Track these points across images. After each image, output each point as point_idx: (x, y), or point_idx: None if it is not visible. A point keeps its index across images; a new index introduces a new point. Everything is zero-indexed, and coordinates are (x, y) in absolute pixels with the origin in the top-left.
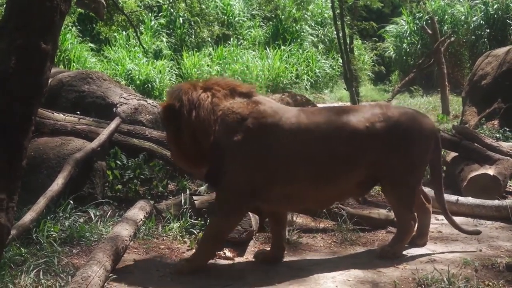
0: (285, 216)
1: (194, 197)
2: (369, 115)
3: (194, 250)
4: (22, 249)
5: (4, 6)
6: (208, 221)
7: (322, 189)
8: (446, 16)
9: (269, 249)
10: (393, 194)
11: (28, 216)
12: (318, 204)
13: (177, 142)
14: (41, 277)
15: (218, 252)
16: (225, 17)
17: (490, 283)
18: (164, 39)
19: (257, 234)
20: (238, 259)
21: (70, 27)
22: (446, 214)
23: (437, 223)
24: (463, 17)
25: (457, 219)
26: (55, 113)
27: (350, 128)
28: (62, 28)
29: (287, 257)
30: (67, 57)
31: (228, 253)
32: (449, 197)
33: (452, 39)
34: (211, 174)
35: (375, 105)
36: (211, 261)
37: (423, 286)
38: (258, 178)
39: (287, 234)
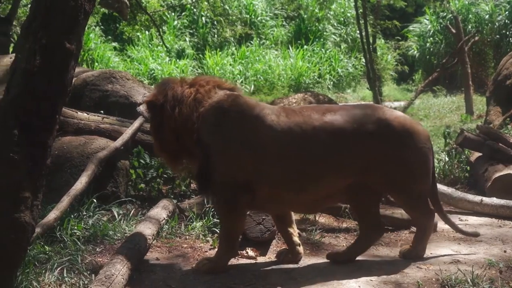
0: (289, 213)
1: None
2: (358, 116)
3: (216, 249)
4: (46, 247)
5: (29, 5)
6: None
7: (302, 192)
8: (470, 15)
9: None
10: (401, 202)
11: (52, 215)
12: (302, 207)
13: (159, 136)
14: (65, 275)
15: (241, 252)
16: (248, 16)
17: None
18: (187, 39)
19: (278, 233)
20: (260, 259)
21: (94, 27)
22: (443, 215)
23: (461, 223)
24: (487, 16)
25: (481, 220)
26: (79, 112)
27: (333, 128)
28: (86, 27)
29: (309, 257)
30: (90, 57)
31: (250, 252)
32: (473, 197)
33: (476, 38)
34: (200, 174)
35: (366, 106)
36: (234, 260)
37: (447, 287)
38: (242, 171)
39: (311, 233)
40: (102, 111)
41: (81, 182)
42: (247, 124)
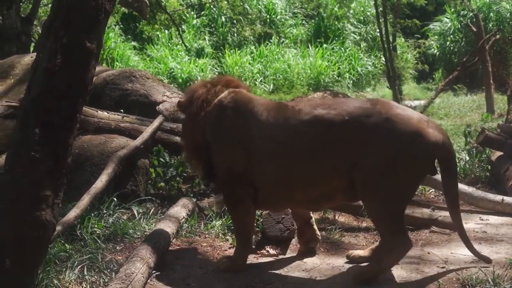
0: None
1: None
2: (353, 108)
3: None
4: (66, 245)
5: (50, 5)
6: None
7: (294, 189)
8: (491, 14)
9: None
10: (371, 210)
11: (73, 213)
12: (301, 205)
13: (184, 136)
14: (85, 273)
15: (261, 251)
16: (267, 15)
17: None
18: (206, 38)
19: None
20: (280, 257)
21: (114, 26)
22: (465, 239)
23: (482, 223)
24: (508, 14)
25: (502, 219)
26: (99, 111)
27: (321, 122)
28: (106, 27)
29: (329, 256)
30: (110, 56)
31: (270, 251)
32: (494, 197)
33: (497, 36)
34: (207, 172)
35: (373, 100)
36: (253, 259)
37: (468, 286)
38: (239, 167)
39: (331, 232)
40: (122, 110)
41: (101, 180)
42: (240, 121)
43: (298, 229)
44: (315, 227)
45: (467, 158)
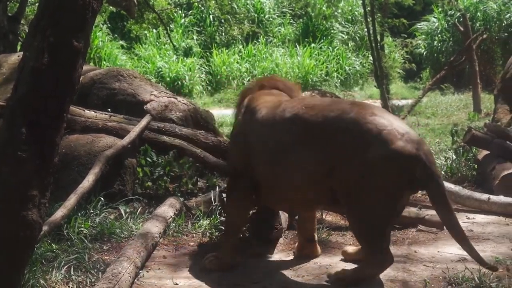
0: (311, 214)
1: (224, 194)
2: (329, 111)
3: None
4: (53, 245)
5: (37, 4)
6: None
7: (282, 188)
8: (478, 13)
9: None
10: (350, 222)
11: (59, 213)
12: (293, 205)
13: None
14: (72, 273)
15: (249, 250)
16: (255, 14)
17: None
18: (194, 37)
19: (286, 231)
20: (267, 257)
21: (101, 25)
22: (466, 245)
23: (468, 222)
24: (495, 14)
25: (489, 218)
26: (86, 111)
27: (300, 122)
28: (94, 26)
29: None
30: (98, 55)
31: (258, 250)
32: (480, 195)
33: (484, 36)
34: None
35: (355, 103)
36: (241, 258)
37: (454, 285)
38: (242, 164)
39: (318, 231)
40: (109, 109)
41: (88, 180)
42: (245, 119)
43: (299, 242)
44: (317, 245)
45: (454, 157)
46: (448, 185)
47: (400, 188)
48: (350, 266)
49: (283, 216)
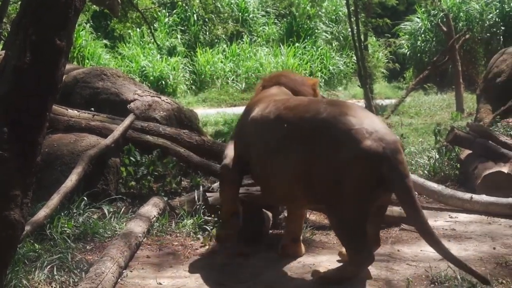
0: (299, 214)
1: (208, 194)
2: (306, 111)
3: (207, 247)
4: (36, 245)
5: (20, 2)
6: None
7: (271, 186)
8: (461, 13)
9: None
10: (330, 221)
11: (42, 212)
12: (282, 202)
13: None
14: (55, 273)
15: (234, 250)
16: (239, 14)
17: (504, 281)
18: (178, 36)
19: (270, 231)
20: (253, 256)
21: (85, 24)
22: (439, 247)
23: (451, 221)
24: (478, 14)
25: (471, 217)
26: (69, 110)
27: (281, 122)
28: (77, 25)
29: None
30: (81, 54)
31: (243, 250)
32: (463, 195)
33: (467, 36)
34: None
35: (328, 102)
36: (227, 257)
37: (436, 283)
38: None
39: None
40: (92, 109)
41: (71, 180)
42: (243, 116)
43: (283, 241)
44: (301, 244)
45: (437, 156)
46: (431, 185)
47: (370, 187)
48: (334, 265)
49: (267, 216)
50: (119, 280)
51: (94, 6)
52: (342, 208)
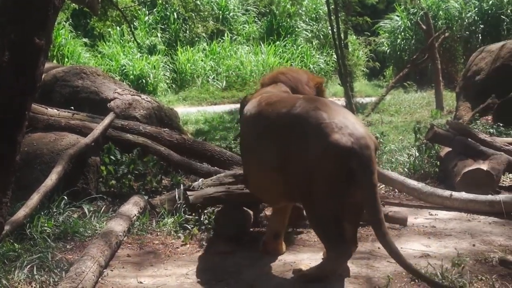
0: (283, 210)
1: (188, 192)
2: (282, 106)
3: (188, 245)
4: (15, 244)
5: None
6: (202, 216)
7: (255, 180)
8: (440, 12)
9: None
10: (307, 217)
11: (22, 212)
12: (267, 200)
13: None
14: (35, 272)
15: (213, 248)
16: (220, 12)
17: (483, 278)
18: (159, 35)
19: (251, 229)
20: (232, 254)
21: (64, 22)
22: (404, 265)
23: (431, 218)
24: (457, 13)
25: (451, 214)
26: (49, 109)
27: (260, 118)
28: (56, 23)
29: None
30: (60, 53)
31: (224, 248)
32: (442, 192)
33: (446, 34)
34: None
35: (309, 99)
36: (206, 256)
37: (416, 280)
38: None
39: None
40: (72, 107)
41: (51, 179)
42: (240, 117)
43: (265, 238)
44: (282, 242)
45: (417, 154)
46: (411, 182)
47: (340, 181)
48: (315, 263)
49: (249, 214)
50: (99, 279)
51: (74, 4)
52: (315, 203)
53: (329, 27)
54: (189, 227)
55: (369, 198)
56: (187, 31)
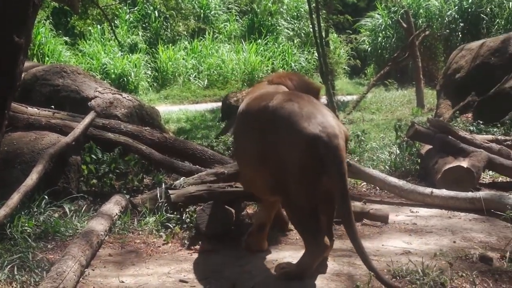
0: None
1: (170, 191)
2: (262, 100)
3: (170, 244)
4: None
5: None
6: (183, 215)
7: (247, 176)
8: (421, 10)
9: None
10: (286, 211)
11: (2, 212)
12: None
13: None
14: (16, 272)
15: (195, 246)
16: (201, 10)
17: (464, 274)
18: (140, 33)
19: (233, 227)
20: (214, 252)
21: (44, 21)
22: (363, 257)
23: (412, 215)
24: (437, 11)
25: (432, 211)
26: (29, 108)
27: (246, 113)
28: (36, 21)
29: (264, 251)
30: (41, 51)
31: (205, 246)
32: (423, 189)
33: (427, 32)
34: None
35: (278, 93)
36: (187, 254)
37: (398, 277)
38: None
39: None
40: (52, 106)
41: (32, 178)
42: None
43: (249, 231)
44: (265, 238)
45: (398, 151)
46: (392, 180)
47: (311, 169)
48: (296, 261)
49: (231, 212)
50: (80, 279)
51: (54, 2)
52: (290, 193)
53: (310, 25)
54: (171, 226)
55: (338, 186)
56: (169, 30)
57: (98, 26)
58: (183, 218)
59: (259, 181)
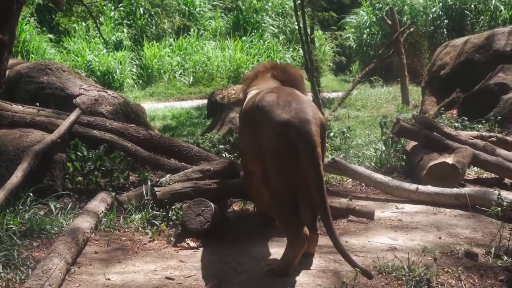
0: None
1: (156, 188)
2: (256, 95)
3: (156, 242)
4: None
5: None
6: (170, 212)
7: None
8: (406, 7)
9: None
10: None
11: None
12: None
13: None
14: (1, 270)
15: (181, 243)
16: (186, 7)
17: (450, 270)
18: (125, 30)
19: (219, 224)
20: (200, 249)
21: (28, 18)
22: (338, 246)
23: (397, 211)
24: (422, 8)
25: (417, 207)
26: (13, 105)
27: (244, 110)
28: (20, 18)
29: (250, 247)
30: (25, 49)
31: (191, 243)
32: (409, 185)
33: (412, 29)
34: None
35: (277, 89)
36: (173, 252)
37: (384, 273)
38: None
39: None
40: (37, 104)
41: (17, 176)
42: None
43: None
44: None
45: (383, 148)
46: (378, 176)
47: (286, 155)
48: (279, 256)
49: (216, 209)
50: (66, 276)
51: None
52: (269, 181)
53: (296, 22)
54: (157, 223)
55: (312, 173)
56: (154, 27)
57: (83, 23)
58: (169, 215)
59: (256, 175)
